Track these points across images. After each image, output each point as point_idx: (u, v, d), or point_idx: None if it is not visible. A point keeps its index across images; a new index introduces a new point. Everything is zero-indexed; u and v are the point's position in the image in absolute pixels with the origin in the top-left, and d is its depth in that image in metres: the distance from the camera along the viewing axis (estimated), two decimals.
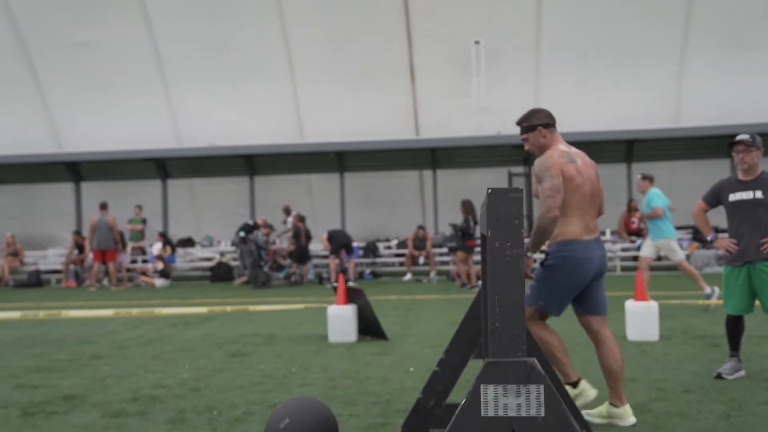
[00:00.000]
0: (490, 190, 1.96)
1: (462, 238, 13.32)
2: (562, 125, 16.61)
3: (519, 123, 4.27)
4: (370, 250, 17.68)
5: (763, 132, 17.09)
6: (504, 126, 17.67)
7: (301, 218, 16.23)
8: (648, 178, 9.94)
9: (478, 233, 13.37)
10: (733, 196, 5.18)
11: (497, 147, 18.05)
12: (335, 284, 8.00)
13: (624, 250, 16.69)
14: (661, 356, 6.05)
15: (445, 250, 17.42)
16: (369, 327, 7.49)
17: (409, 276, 16.17)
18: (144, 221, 18.41)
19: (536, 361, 1.91)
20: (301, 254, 15.95)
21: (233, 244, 17.58)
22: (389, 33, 17.76)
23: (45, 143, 19.20)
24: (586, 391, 4.16)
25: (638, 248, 16.56)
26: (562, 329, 7.04)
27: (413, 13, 17.48)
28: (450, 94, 18.05)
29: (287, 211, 17.40)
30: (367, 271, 17.17)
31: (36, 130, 19.18)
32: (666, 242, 9.58)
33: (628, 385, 5.01)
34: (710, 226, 5.48)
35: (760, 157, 5.13)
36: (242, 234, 15.93)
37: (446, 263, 17.28)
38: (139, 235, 18.34)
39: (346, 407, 4.61)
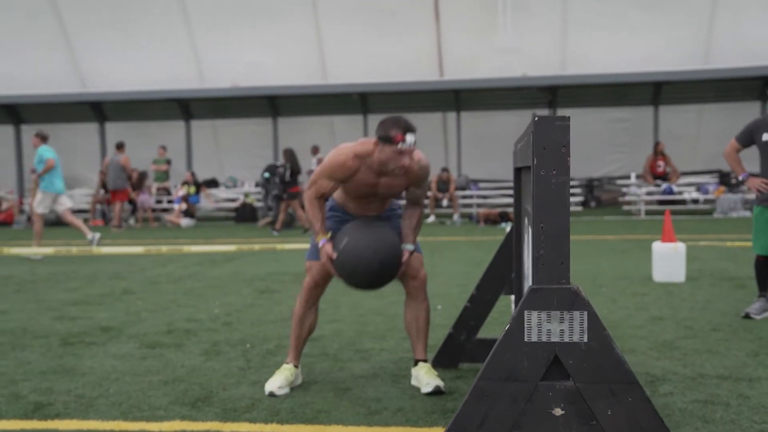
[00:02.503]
0: (536, 118, 1.95)
1: (284, 184, 14.03)
2: (589, 67, 16.54)
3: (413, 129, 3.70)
4: None
5: None
6: (530, 67, 17.41)
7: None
8: (40, 137, 10.43)
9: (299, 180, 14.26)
10: (767, 136, 5.10)
11: (522, 89, 17.82)
12: None
13: (649, 193, 16.56)
14: (688, 296, 6.06)
15: (469, 192, 17.41)
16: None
17: (432, 218, 16.21)
18: (168, 162, 18.52)
19: (580, 287, 1.93)
20: None
21: (258, 185, 17.66)
22: None
23: (68, 83, 19.24)
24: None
25: (663, 191, 16.46)
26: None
27: None
28: (475, 34, 17.75)
29: (315, 151, 17.43)
30: None
31: (59, 69, 19.19)
32: (53, 196, 10.26)
33: (657, 323, 5.05)
34: (742, 165, 5.40)
35: None
36: (267, 175, 15.98)
37: (470, 206, 17.29)
38: (164, 176, 18.48)
39: (377, 342, 4.69)
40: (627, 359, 4.09)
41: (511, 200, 15.93)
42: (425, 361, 3.78)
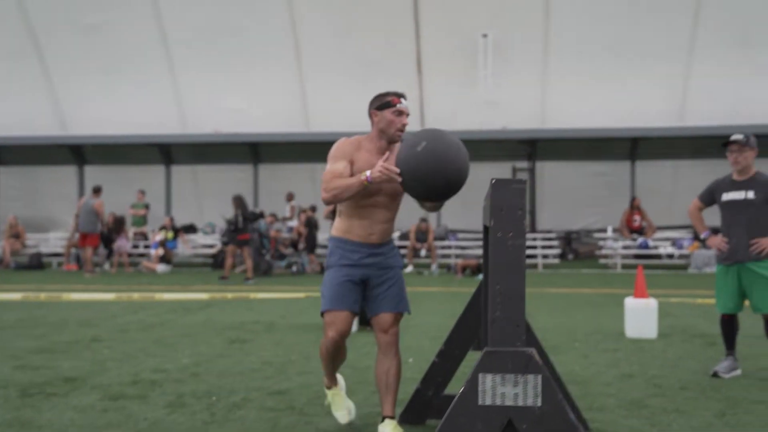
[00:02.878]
0: (493, 181, 1.96)
1: (233, 232, 13.96)
2: (568, 121, 16.78)
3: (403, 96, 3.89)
4: None
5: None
6: (510, 120, 17.66)
7: (313, 209, 16.41)
8: None
9: (250, 226, 14.37)
10: (726, 196, 5.21)
11: (502, 141, 18.04)
12: None
13: (625, 247, 16.68)
14: (660, 353, 6.06)
15: (447, 242, 17.45)
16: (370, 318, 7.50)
17: (410, 268, 16.19)
18: (147, 206, 18.43)
19: (535, 351, 1.93)
20: (312, 243, 16.15)
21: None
22: (397, 23, 17.73)
23: (49, 125, 19.20)
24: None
25: (639, 246, 16.59)
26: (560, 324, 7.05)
27: (421, 4, 17.44)
28: (456, 87, 18.03)
29: (290, 197, 17.49)
30: None
31: (41, 111, 19.18)
32: None
33: (626, 380, 5.03)
34: (705, 224, 5.50)
35: (753, 157, 5.15)
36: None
37: (448, 256, 17.30)
38: (142, 220, 18.37)
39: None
40: (595, 417, 4.07)
41: None
42: (392, 417, 3.72)
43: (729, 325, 5.30)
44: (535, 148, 18.19)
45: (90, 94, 18.80)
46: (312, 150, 18.98)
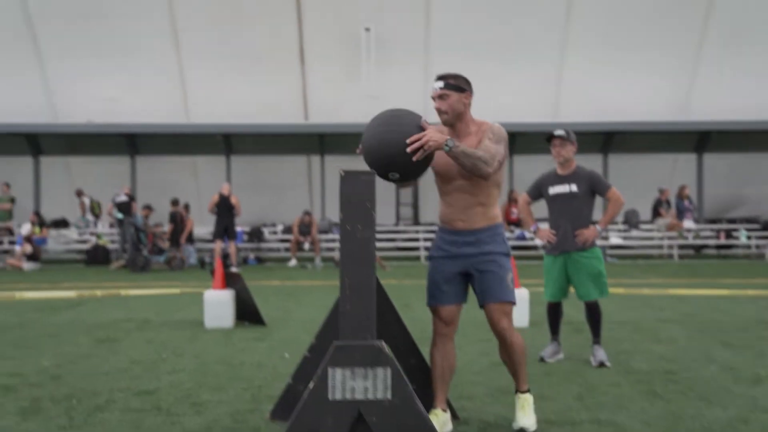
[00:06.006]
0: (343, 173, 1.94)
1: None
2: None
3: (444, 78, 3.76)
4: (255, 234, 17.44)
5: (633, 130, 18.21)
6: None
7: (174, 202, 15.95)
8: None
9: None
10: (552, 189, 5.46)
11: None
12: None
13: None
14: (529, 342, 6.24)
15: (331, 236, 17.44)
16: (247, 312, 7.38)
17: (294, 262, 16.06)
18: (12, 200, 17.35)
19: (384, 343, 1.92)
20: (176, 238, 15.68)
21: (111, 225, 16.91)
22: (280, 15, 17.51)
23: None
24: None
25: (516, 237, 17.19)
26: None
27: None
28: (340, 80, 18.02)
29: (78, 193, 17.89)
30: (252, 256, 16.92)
31: None
32: None
33: (495, 369, 5.17)
34: (533, 218, 5.74)
35: (574, 151, 5.42)
36: (120, 216, 15.33)
37: (332, 249, 17.29)
38: (7, 215, 17.27)
39: (215, 393, 4.51)
40: (465, 406, 4.15)
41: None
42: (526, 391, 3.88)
43: (554, 312, 5.62)
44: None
45: None
46: (193, 142, 18.48)
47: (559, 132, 5.37)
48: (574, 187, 5.34)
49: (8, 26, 17.26)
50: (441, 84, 3.71)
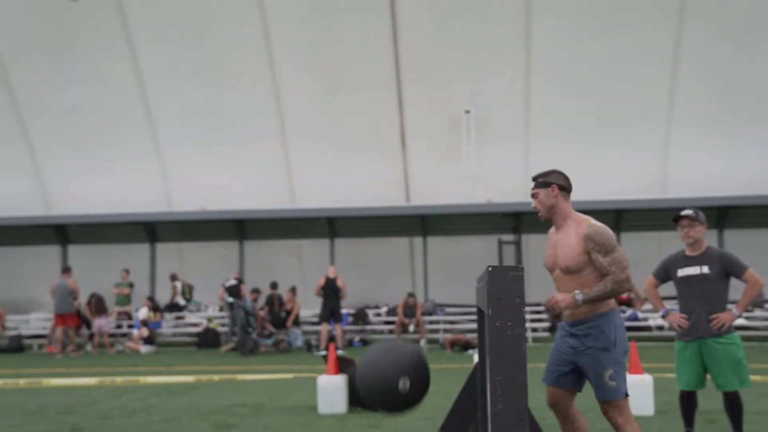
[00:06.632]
0: (490, 269, 1.92)
1: None
2: None
3: (535, 177, 4.16)
4: (360, 316, 17.51)
5: (749, 204, 17.40)
6: (494, 194, 17.80)
7: (273, 285, 16.40)
8: None
9: None
10: (681, 272, 5.21)
11: (487, 215, 18.13)
12: (324, 352, 7.86)
13: None
14: None
15: (435, 317, 17.30)
16: (360, 398, 7.32)
17: None
18: (131, 285, 18.20)
19: None
20: (276, 321, 16.02)
21: (221, 309, 17.41)
22: (381, 100, 18.02)
23: (33, 205, 19.11)
24: None
25: (628, 318, 16.50)
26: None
27: (404, 81, 17.77)
28: (440, 162, 18.21)
29: (173, 278, 18.22)
30: (357, 338, 16.95)
31: (25, 191, 19.10)
32: None
33: None
34: (661, 301, 5.49)
35: (703, 232, 5.18)
36: (231, 299, 15.77)
37: (436, 331, 17.11)
38: (126, 300, 18.10)
39: None
40: None
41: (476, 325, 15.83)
42: None
43: (688, 402, 5.26)
44: (520, 220, 18.27)
45: (74, 173, 18.78)
46: (298, 226, 18.97)
47: (687, 212, 5.17)
48: (705, 269, 5.09)
49: (129, 123, 18.51)
50: (533, 184, 4.13)
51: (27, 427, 6.58)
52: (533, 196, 4.08)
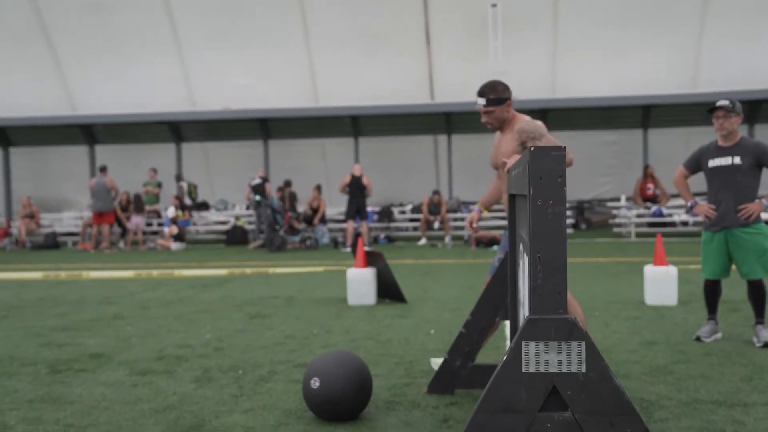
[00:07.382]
0: (532, 148, 1.95)
1: None
2: (579, 90, 16.63)
3: (484, 94, 4.21)
4: (385, 214, 17.71)
5: None
6: (520, 91, 17.49)
7: (287, 183, 16.78)
8: None
9: None
10: (713, 162, 5.17)
11: None
12: (350, 248, 8.04)
13: (639, 216, 16.62)
14: (681, 320, 6.06)
15: (460, 214, 17.44)
16: (388, 290, 7.54)
17: (424, 241, 16.20)
18: (159, 184, 18.47)
19: (577, 318, 1.92)
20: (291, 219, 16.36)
21: (248, 207, 17.68)
22: None
23: (59, 105, 19.21)
24: None
25: (653, 214, 16.53)
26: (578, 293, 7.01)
27: None
28: (466, 59, 17.87)
29: (177, 178, 18.45)
30: (382, 235, 17.21)
31: (49, 92, 19.17)
32: None
33: (650, 347, 5.04)
34: (690, 192, 5.47)
35: (739, 123, 5.11)
36: (258, 198, 15.99)
37: (461, 228, 17.29)
38: (155, 198, 18.42)
39: (370, 368, 4.63)
40: (622, 384, 4.08)
41: (501, 222, 15.96)
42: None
43: (712, 291, 5.33)
44: (546, 118, 18.02)
45: (98, 74, 18.76)
46: (322, 125, 18.94)
47: (722, 102, 5.08)
48: (737, 160, 5.06)
49: (153, 24, 18.28)
50: (483, 102, 4.19)
51: (72, 316, 6.90)
52: (486, 113, 4.22)
